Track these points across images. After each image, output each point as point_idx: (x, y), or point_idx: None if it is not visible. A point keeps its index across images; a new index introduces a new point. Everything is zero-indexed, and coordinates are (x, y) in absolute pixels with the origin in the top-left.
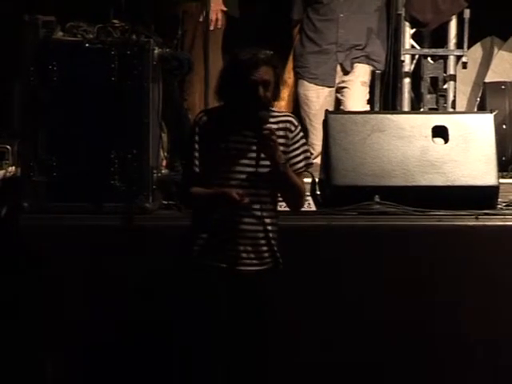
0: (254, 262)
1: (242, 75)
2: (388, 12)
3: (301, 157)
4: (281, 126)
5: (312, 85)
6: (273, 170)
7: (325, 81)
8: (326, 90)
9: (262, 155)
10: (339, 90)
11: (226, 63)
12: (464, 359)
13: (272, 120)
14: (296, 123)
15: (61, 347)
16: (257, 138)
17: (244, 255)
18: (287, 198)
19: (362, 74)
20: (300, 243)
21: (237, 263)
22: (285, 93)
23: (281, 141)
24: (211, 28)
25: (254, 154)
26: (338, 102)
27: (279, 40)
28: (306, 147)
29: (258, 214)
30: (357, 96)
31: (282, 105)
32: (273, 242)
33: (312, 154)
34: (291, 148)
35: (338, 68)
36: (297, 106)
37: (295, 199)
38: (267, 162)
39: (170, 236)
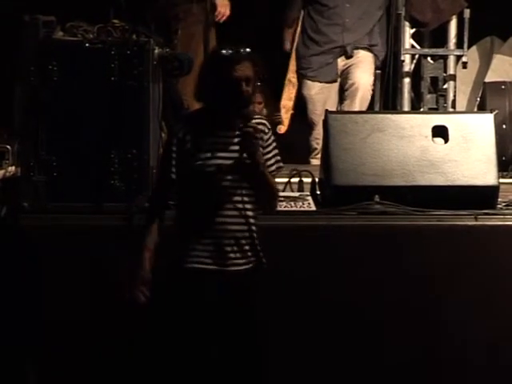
0: (241, 261)
1: (224, 71)
2: (388, 12)
3: (272, 160)
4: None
5: (315, 83)
6: (252, 169)
7: (327, 76)
8: (328, 85)
9: (244, 154)
10: (344, 71)
11: (206, 62)
12: (464, 359)
13: (239, 122)
14: (269, 126)
15: (60, 347)
16: (240, 135)
17: (231, 255)
18: (262, 198)
19: (365, 56)
20: (300, 243)
21: (225, 264)
22: (292, 93)
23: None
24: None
25: (235, 154)
26: (343, 91)
27: (279, 40)
28: (276, 151)
29: (242, 213)
30: (364, 67)
31: (290, 105)
32: (256, 241)
33: (316, 149)
34: (265, 151)
35: (340, 59)
36: (299, 107)
37: (269, 200)
38: (247, 162)
39: (169, 236)
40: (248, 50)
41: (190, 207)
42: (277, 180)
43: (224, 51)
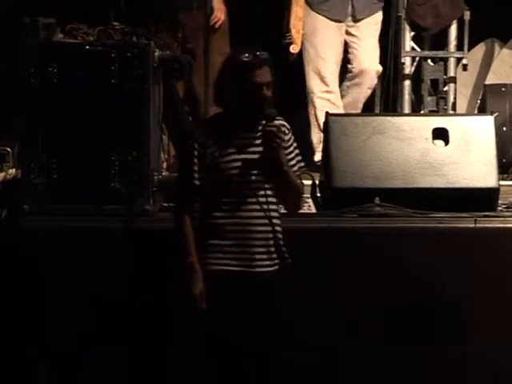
0: (266, 262)
1: (246, 77)
2: (388, 14)
3: (294, 160)
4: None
5: (322, 17)
6: (276, 168)
7: (336, 14)
8: (336, 24)
9: (267, 155)
10: (348, 33)
11: (225, 67)
12: (464, 359)
13: (259, 125)
14: (289, 127)
15: (60, 349)
16: (264, 134)
17: (257, 256)
18: (286, 199)
19: (374, 21)
20: (300, 245)
21: (251, 265)
22: (300, 12)
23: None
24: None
25: (258, 156)
26: (347, 49)
27: None
28: (297, 151)
29: (267, 214)
30: (369, 45)
31: (300, 25)
32: (280, 242)
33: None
34: (286, 151)
35: (350, 9)
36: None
37: (294, 200)
38: (271, 161)
39: (170, 238)
40: (264, 53)
41: (215, 209)
42: None
43: (244, 56)
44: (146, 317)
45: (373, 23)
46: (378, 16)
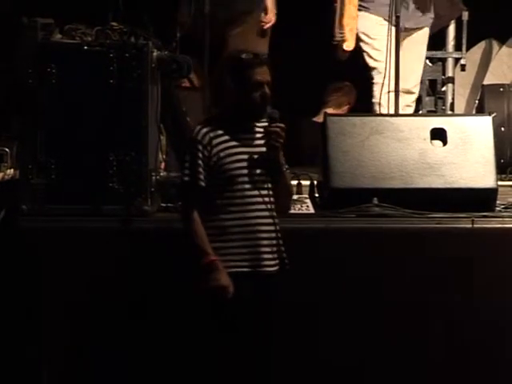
0: (272, 262)
1: (247, 76)
2: None
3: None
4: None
5: (379, 18)
6: (275, 169)
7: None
8: (393, 28)
9: (269, 155)
10: None
11: (225, 66)
12: (463, 360)
13: (259, 124)
14: None
15: (60, 349)
16: (267, 134)
17: (265, 256)
18: (279, 198)
19: (421, 34)
20: (298, 246)
21: (260, 265)
22: (354, 12)
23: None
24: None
25: (260, 155)
26: None
27: None
28: (281, 152)
29: (270, 213)
30: (410, 56)
31: (353, 24)
32: (280, 241)
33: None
34: None
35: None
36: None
37: (286, 200)
38: (272, 160)
39: (168, 238)
40: (263, 53)
41: (221, 210)
42: None
43: (243, 55)
44: (145, 316)
45: (419, 35)
46: (426, 30)
